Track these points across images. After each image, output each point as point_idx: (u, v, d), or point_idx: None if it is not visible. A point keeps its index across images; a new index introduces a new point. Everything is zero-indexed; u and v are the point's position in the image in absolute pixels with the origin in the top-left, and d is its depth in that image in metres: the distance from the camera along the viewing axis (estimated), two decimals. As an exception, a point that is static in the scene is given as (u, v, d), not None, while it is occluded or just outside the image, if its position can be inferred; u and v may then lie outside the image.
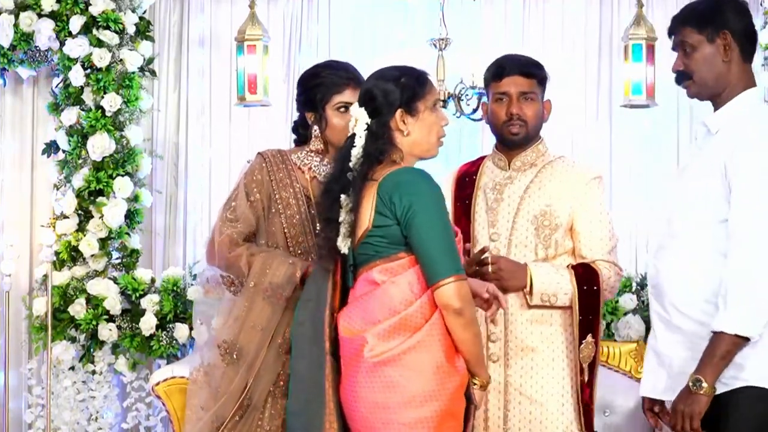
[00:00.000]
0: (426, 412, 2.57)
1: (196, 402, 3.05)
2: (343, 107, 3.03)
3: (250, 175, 3.07)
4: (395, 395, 2.57)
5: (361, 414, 2.63)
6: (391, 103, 2.70)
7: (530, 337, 3.04)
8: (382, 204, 2.63)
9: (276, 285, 2.93)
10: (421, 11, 4.87)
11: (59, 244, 4.65)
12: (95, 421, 4.63)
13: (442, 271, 2.57)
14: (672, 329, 2.75)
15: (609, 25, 4.91)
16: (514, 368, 3.03)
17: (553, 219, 3.08)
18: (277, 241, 3.06)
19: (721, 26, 2.75)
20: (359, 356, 2.62)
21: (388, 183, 2.64)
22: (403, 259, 2.64)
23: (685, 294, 2.73)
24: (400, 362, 2.58)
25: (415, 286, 2.62)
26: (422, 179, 2.66)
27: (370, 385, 2.60)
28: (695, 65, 2.79)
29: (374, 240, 2.65)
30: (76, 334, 4.62)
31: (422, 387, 2.57)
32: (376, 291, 2.64)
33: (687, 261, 2.73)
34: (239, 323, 2.97)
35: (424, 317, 2.60)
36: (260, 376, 2.96)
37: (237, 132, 5.02)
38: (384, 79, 2.74)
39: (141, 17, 4.78)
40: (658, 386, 2.80)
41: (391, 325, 2.59)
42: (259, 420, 2.97)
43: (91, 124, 4.60)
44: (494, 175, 3.17)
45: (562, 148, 4.80)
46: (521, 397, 3.02)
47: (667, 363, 2.76)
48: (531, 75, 3.12)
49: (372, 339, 2.60)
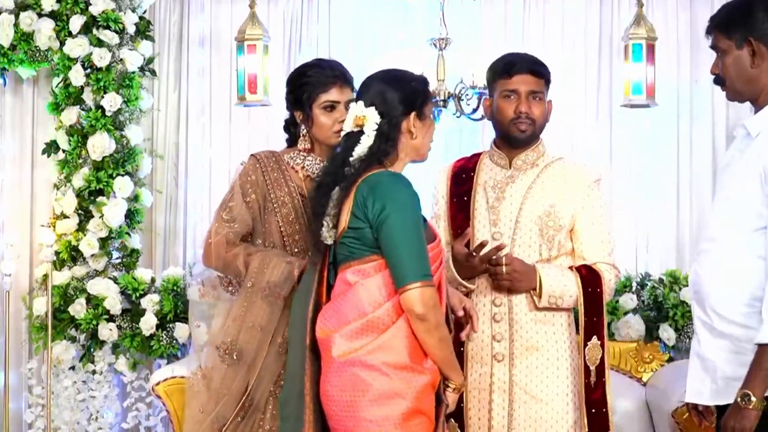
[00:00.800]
0: (391, 410, 2.60)
1: (196, 405, 3.05)
2: (330, 106, 3.04)
3: (244, 176, 3.08)
4: (362, 393, 2.61)
5: (333, 411, 2.68)
6: (407, 106, 2.72)
7: (535, 336, 3.04)
8: (356, 206, 2.66)
9: (274, 284, 2.94)
10: (421, 11, 4.88)
11: (59, 244, 4.66)
12: (95, 421, 4.64)
13: (409, 276, 2.59)
14: (715, 334, 2.72)
15: (609, 25, 4.92)
16: (519, 368, 3.02)
17: (557, 220, 3.08)
18: (274, 240, 3.07)
19: (749, 31, 2.71)
20: (329, 355, 2.67)
21: (364, 186, 2.66)
22: (375, 262, 2.66)
23: (725, 298, 2.69)
24: (366, 362, 2.61)
25: (383, 289, 2.64)
26: (398, 183, 2.68)
27: (339, 384, 2.64)
28: (726, 71, 2.77)
29: (348, 241, 2.68)
30: (76, 334, 4.62)
31: (387, 386, 2.60)
32: (348, 292, 2.68)
33: (727, 266, 2.69)
34: (238, 323, 2.98)
35: (391, 320, 2.63)
36: (261, 376, 2.96)
37: (237, 132, 5.03)
38: (398, 80, 2.76)
39: (141, 17, 4.79)
40: (703, 392, 2.76)
41: (359, 326, 2.64)
42: (261, 420, 2.97)
43: (91, 124, 4.60)
44: (494, 173, 3.16)
45: (562, 148, 4.81)
46: (526, 397, 3.02)
47: (711, 368, 2.73)
48: (540, 74, 3.11)
49: (339, 339, 2.65)
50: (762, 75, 2.72)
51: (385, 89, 2.73)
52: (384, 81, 2.76)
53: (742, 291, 2.66)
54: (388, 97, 2.71)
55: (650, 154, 4.91)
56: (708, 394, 2.74)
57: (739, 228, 2.68)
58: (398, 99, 2.71)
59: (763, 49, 2.70)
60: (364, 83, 2.81)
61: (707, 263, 2.74)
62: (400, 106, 2.71)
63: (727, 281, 2.69)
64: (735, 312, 2.67)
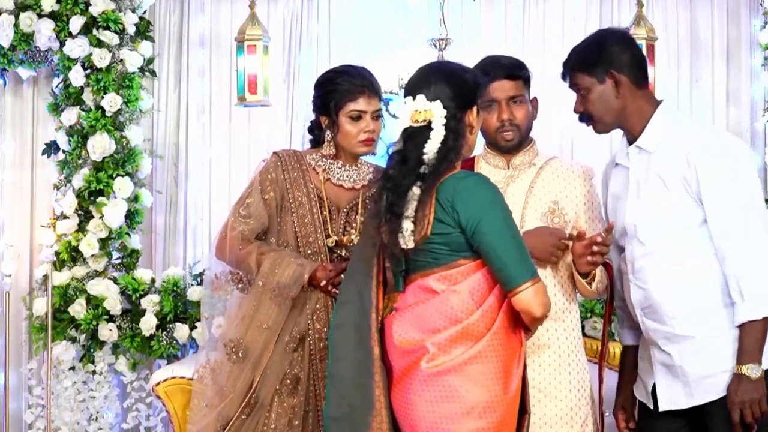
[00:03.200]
0: (484, 423, 2.53)
1: (201, 401, 3.05)
2: (357, 116, 3.04)
3: (264, 173, 3.09)
4: (453, 405, 2.53)
5: (415, 423, 2.57)
6: (470, 99, 2.67)
7: (546, 334, 3.04)
8: (442, 211, 2.58)
9: (283, 285, 2.94)
10: (421, 11, 4.87)
11: (59, 244, 4.65)
12: (95, 422, 4.63)
13: (518, 277, 2.53)
14: (676, 340, 2.84)
15: (609, 25, 4.90)
16: (532, 366, 3.03)
17: (562, 217, 3.09)
18: (288, 239, 3.07)
19: (608, 66, 2.87)
20: (416, 365, 2.57)
21: (447, 189, 2.58)
22: (463, 266, 2.59)
23: (681, 301, 2.83)
24: (461, 372, 2.53)
25: (476, 294, 2.58)
26: (483, 183, 2.61)
27: (426, 395, 2.55)
28: (592, 106, 2.91)
29: (433, 247, 2.60)
30: (76, 335, 4.62)
31: (482, 398, 2.53)
32: (434, 299, 2.59)
33: (676, 270, 2.83)
34: (246, 323, 2.99)
35: (486, 326, 2.56)
36: (267, 374, 2.97)
37: (237, 132, 5.03)
38: (457, 73, 2.69)
39: (141, 17, 4.78)
40: (676, 398, 2.88)
41: (452, 334, 2.55)
42: (266, 419, 2.98)
43: (91, 124, 4.60)
44: (493, 174, 3.16)
45: (561, 148, 4.83)
46: (540, 395, 3.02)
47: (680, 373, 2.84)
48: (516, 77, 3.08)
49: (433, 348, 2.55)
50: (627, 102, 2.89)
51: (448, 82, 2.65)
52: (444, 74, 2.68)
53: (696, 288, 2.81)
54: (451, 91, 2.64)
55: (650, 154, 4.90)
56: (683, 398, 2.85)
57: (681, 230, 2.82)
58: (461, 92, 2.65)
59: (623, 78, 2.87)
60: (419, 77, 2.71)
61: (650, 275, 2.86)
62: (463, 100, 2.65)
63: (677, 284, 2.82)
64: (695, 309, 2.81)
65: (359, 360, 2.67)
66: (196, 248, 5.00)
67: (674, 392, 2.86)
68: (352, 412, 2.66)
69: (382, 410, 2.62)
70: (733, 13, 4.87)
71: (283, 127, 4.96)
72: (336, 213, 3.11)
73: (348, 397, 2.67)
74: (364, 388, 2.64)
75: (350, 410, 2.67)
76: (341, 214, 3.11)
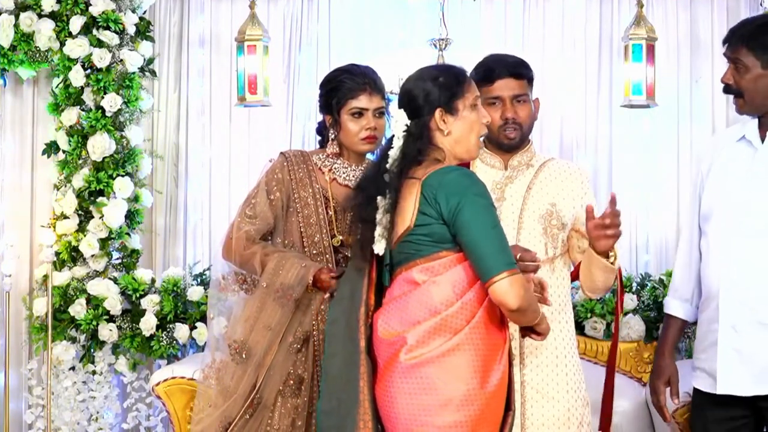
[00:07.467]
0: (461, 416, 2.53)
1: (205, 401, 3.06)
2: (358, 113, 3.06)
3: (271, 173, 3.10)
4: (431, 398, 2.54)
5: (396, 415, 2.59)
6: (431, 103, 2.68)
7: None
8: (426, 203, 2.60)
9: (287, 286, 2.95)
10: (421, 11, 4.87)
11: (59, 245, 4.66)
12: (95, 422, 4.64)
13: (494, 268, 2.52)
14: (761, 327, 2.82)
15: (609, 25, 4.91)
16: (530, 367, 3.03)
17: (560, 218, 3.09)
18: (293, 239, 3.08)
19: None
20: (396, 357, 2.59)
21: (432, 182, 2.61)
22: (445, 258, 2.60)
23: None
24: (439, 364, 2.54)
25: (457, 286, 2.58)
26: (467, 177, 2.63)
27: (406, 387, 2.57)
28: (746, 85, 2.84)
29: (416, 239, 2.62)
30: (76, 335, 4.62)
31: (459, 390, 2.54)
32: (416, 291, 2.61)
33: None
34: (251, 323, 2.99)
35: (465, 319, 2.57)
36: (270, 375, 2.97)
37: (237, 132, 5.02)
38: (422, 79, 2.72)
39: (141, 17, 4.79)
40: (742, 384, 2.85)
41: (432, 326, 2.56)
42: (269, 419, 2.99)
43: (91, 125, 4.60)
44: (489, 175, 3.16)
45: (562, 148, 4.83)
46: (538, 396, 3.02)
47: (750, 360, 2.82)
48: (521, 76, 3.09)
49: (412, 340, 2.57)
50: None
51: (412, 89, 2.71)
52: (412, 80, 2.73)
53: None
54: (414, 97, 2.69)
55: (650, 154, 4.90)
56: (751, 385, 2.83)
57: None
58: (422, 98, 2.68)
59: None
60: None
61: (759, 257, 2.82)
62: (425, 105, 2.68)
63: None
64: None
65: (348, 354, 2.70)
66: (196, 248, 5.00)
67: (740, 377, 2.83)
68: (340, 404, 2.69)
69: (365, 402, 2.64)
70: (733, 12, 4.86)
71: (283, 127, 4.96)
72: (342, 213, 3.11)
73: (338, 391, 2.71)
74: (351, 381, 2.67)
75: (338, 403, 2.70)
76: (347, 214, 3.11)
